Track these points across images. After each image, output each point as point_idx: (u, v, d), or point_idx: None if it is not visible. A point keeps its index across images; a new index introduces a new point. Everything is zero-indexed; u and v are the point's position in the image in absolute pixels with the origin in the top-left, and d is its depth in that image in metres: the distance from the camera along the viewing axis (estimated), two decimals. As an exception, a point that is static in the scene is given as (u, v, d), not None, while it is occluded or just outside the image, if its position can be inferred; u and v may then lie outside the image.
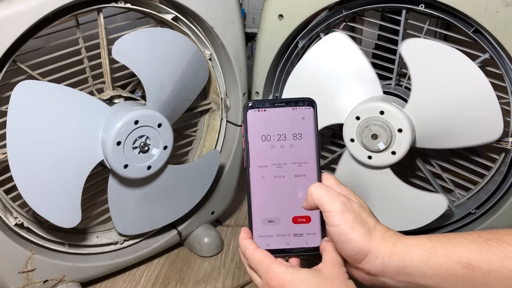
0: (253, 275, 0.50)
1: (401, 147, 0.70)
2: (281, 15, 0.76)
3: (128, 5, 0.67)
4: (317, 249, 0.51)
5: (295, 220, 0.51)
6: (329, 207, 0.46)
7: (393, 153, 0.70)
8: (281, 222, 0.51)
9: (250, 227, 0.51)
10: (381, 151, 0.71)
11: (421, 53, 0.67)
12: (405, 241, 0.45)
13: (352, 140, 0.72)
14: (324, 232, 0.51)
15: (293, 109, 0.51)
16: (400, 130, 0.69)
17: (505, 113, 0.69)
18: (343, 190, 0.50)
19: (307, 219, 0.51)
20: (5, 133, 0.59)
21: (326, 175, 0.52)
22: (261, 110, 0.51)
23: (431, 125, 0.69)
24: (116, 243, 0.79)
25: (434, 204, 0.72)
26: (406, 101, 0.73)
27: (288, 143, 0.50)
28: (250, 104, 0.51)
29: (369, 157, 0.72)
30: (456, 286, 0.43)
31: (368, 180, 0.75)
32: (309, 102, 0.51)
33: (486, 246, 0.43)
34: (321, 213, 0.50)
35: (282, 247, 0.50)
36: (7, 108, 0.59)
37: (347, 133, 0.72)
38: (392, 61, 0.75)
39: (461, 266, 0.43)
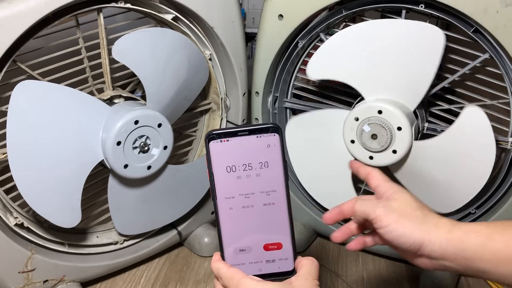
0: None
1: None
2: (281, 15, 0.76)
3: (128, 5, 0.67)
4: (290, 272, 0.50)
5: (267, 247, 0.50)
6: (373, 214, 0.51)
7: (394, 151, 0.70)
8: (252, 250, 0.50)
9: (222, 256, 0.51)
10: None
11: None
12: (462, 227, 0.48)
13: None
14: (296, 255, 0.51)
15: (257, 137, 0.49)
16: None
17: (505, 113, 0.69)
18: (391, 187, 0.54)
19: (279, 246, 0.50)
20: (5, 133, 0.59)
21: (374, 173, 0.57)
22: (224, 141, 0.49)
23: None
24: (116, 243, 0.80)
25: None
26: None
27: (254, 172, 0.49)
28: (211, 135, 0.49)
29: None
30: None
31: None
32: (274, 129, 0.49)
33: None
34: (292, 238, 0.50)
35: (255, 274, 0.50)
36: (7, 108, 0.59)
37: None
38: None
39: None
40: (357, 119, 0.71)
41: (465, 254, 0.47)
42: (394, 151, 0.70)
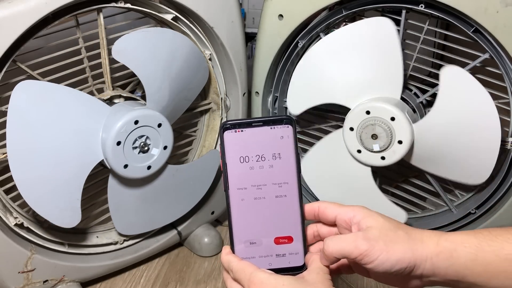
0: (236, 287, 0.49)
1: (393, 157, 0.71)
2: (281, 15, 0.76)
3: (128, 5, 0.67)
4: (300, 268, 0.50)
5: (277, 241, 0.50)
6: (357, 251, 0.44)
7: (383, 158, 0.71)
8: (263, 243, 0.50)
9: (232, 249, 0.50)
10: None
11: (456, 82, 0.67)
12: (448, 238, 0.45)
13: (351, 128, 0.72)
14: (306, 250, 0.51)
15: (271, 128, 0.49)
16: (400, 142, 0.69)
17: (505, 113, 0.69)
18: (354, 211, 0.48)
19: (289, 239, 0.50)
20: (5, 133, 0.59)
21: (324, 205, 0.50)
22: (238, 131, 0.49)
23: (429, 148, 0.70)
24: (116, 243, 0.80)
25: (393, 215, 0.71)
26: (412, 108, 0.74)
27: (267, 163, 0.49)
28: (226, 125, 0.49)
29: (359, 151, 0.73)
30: (505, 282, 0.43)
31: (347, 171, 0.76)
32: (288, 121, 0.49)
33: None
34: (303, 232, 0.50)
35: (265, 268, 0.49)
36: (7, 108, 0.59)
37: (350, 120, 0.72)
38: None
39: (510, 263, 0.42)
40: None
41: (456, 268, 0.44)
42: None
